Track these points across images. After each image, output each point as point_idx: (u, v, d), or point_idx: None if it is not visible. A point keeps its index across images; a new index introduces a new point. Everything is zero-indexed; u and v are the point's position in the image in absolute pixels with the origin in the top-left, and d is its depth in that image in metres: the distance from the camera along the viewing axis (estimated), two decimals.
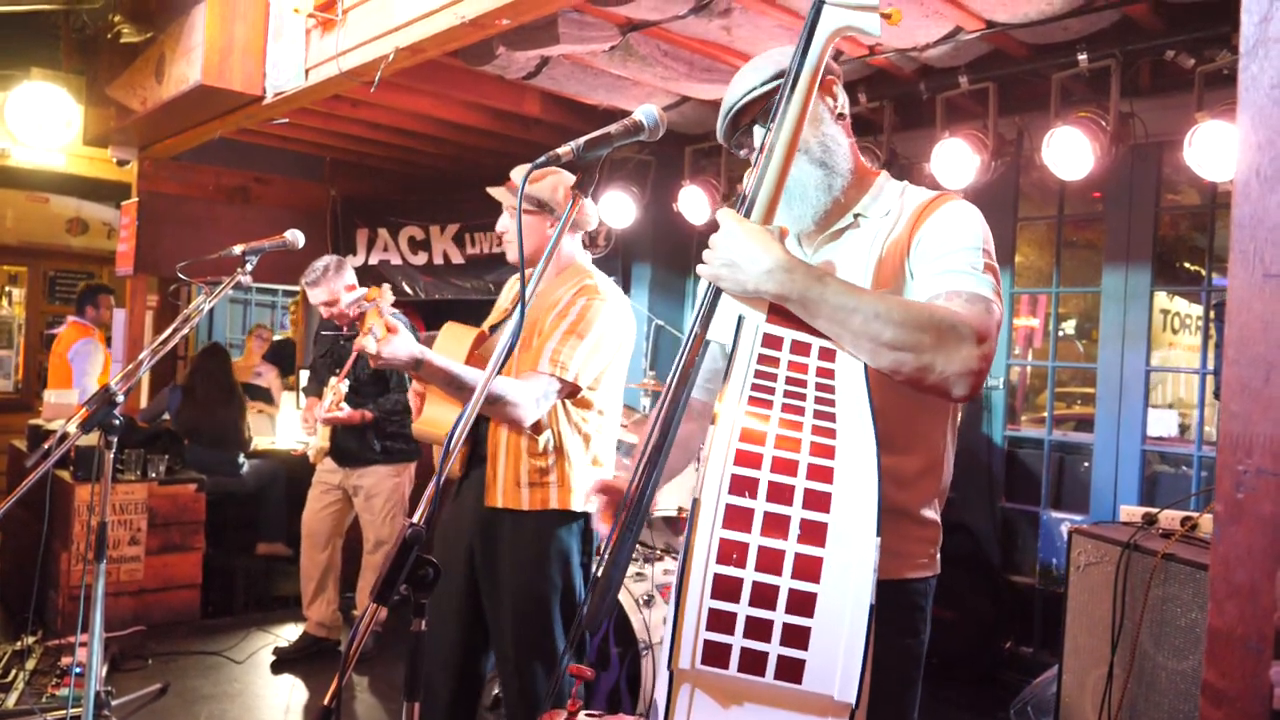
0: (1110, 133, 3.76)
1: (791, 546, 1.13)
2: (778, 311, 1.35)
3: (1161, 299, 5.43)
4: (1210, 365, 4.32)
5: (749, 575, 1.13)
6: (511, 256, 2.72)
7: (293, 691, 4.32)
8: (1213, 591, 0.82)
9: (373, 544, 4.68)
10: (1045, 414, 4.85)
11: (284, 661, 4.61)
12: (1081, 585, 3.20)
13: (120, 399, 2.53)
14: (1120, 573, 2.98)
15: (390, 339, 2.30)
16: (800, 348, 1.32)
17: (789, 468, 1.18)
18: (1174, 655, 2.80)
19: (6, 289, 9.68)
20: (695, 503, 1.17)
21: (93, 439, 2.57)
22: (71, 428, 2.53)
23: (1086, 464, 4.55)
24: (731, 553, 1.14)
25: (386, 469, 4.60)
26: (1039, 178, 4.51)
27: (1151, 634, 2.88)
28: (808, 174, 1.61)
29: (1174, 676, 2.79)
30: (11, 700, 3.82)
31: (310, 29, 4.24)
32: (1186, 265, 5.16)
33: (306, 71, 4.27)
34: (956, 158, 4.10)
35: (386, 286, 2.42)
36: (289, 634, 4.88)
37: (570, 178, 2.71)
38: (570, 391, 2.60)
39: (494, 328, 2.76)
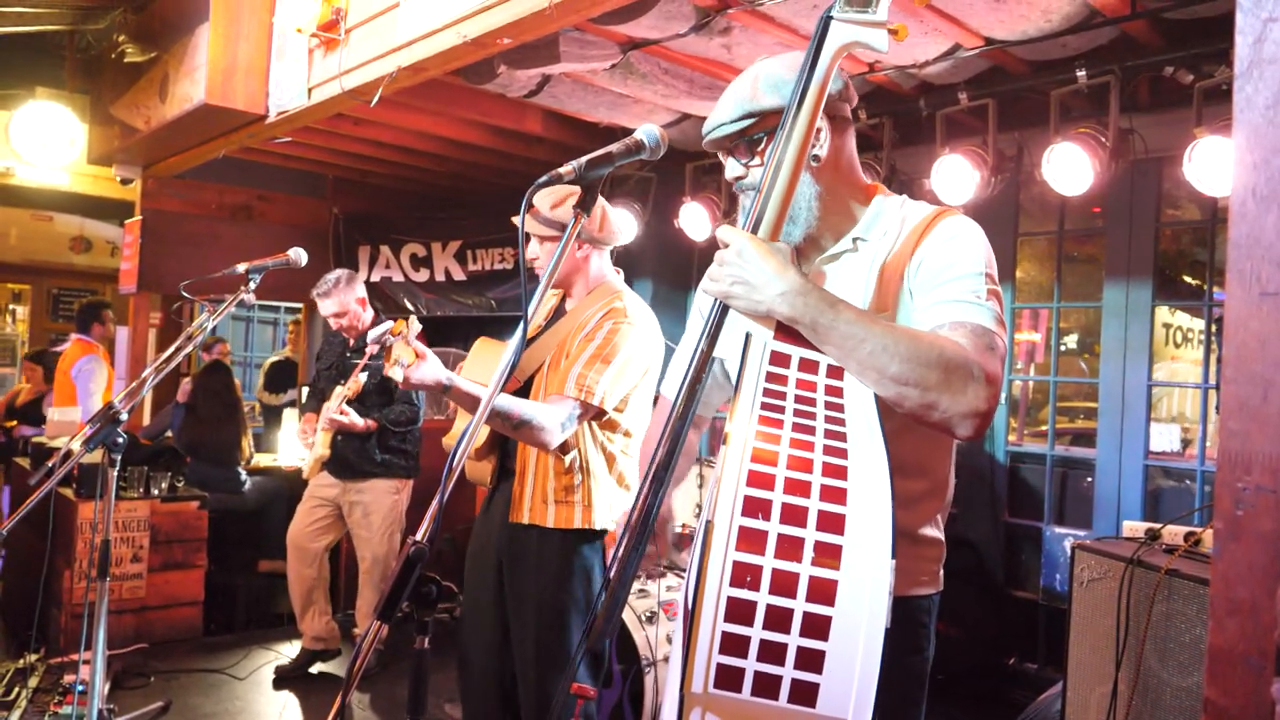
0: (1110, 148, 3.77)
1: (806, 569, 1.12)
2: (785, 329, 1.35)
3: (1164, 313, 5.44)
4: (1213, 380, 4.32)
5: (763, 598, 1.12)
6: (546, 282, 2.77)
7: (294, 709, 4.31)
8: (1213, 609, 0.82)
9: (369, 562, 4.63)
10: (1047, 429, 4.85)
11: (285, 678, 4.60)
12: (1085, 601, 3.19)
13: (124, 417, 2.54)
14: (1124, 588, 2.98)
15: (419, 364, 2.36)
16: (808, 365, 1.32)
17: (802, 489, 1.17)
18: (1178, 671, 2.79)
19: (10, 307, 9.71)
20: (708, 524, 1.16)
21: (96, 456, 2.58)
22: (75, 445, 2.54)
23: (1089, 479, 4.54)
24: (745, 575, 1.13)
25: (386, 484, 4.58)
26: (1039, 193, 4.52)
27: (1156, 650, 2.87)
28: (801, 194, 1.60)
29: (1179, 693, 2.78)
30: (14, 718, 3.81)
31: (313, 48, 4.27)
32: (1188, 280, 5.17)
33: (309, 90, 4.30)
34: (956, 174, 4.12)
35: (413, 318, 2.47)
36: (291, 651, 4.87)
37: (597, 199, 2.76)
38: (596, 414, 2.64)
39: (529, 342, 2.78)
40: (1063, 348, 6.06)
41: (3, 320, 10.00)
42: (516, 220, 2.74)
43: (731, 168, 1.66)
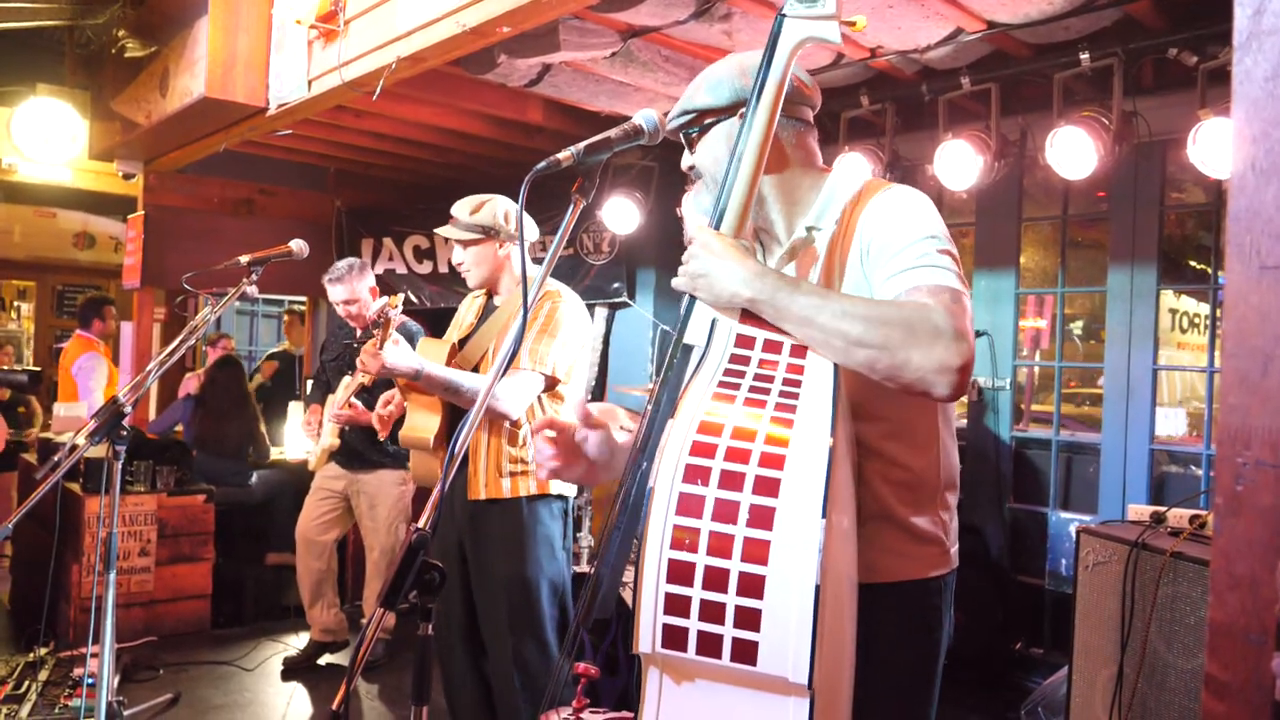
0: (1114, 132, 3.75)
1: (740, 531, 1.17)
2: (750, 314, 1.39)
3: (1170, 298, 5.42)
4: (1218, 364, 4.31)
5: (701, 559, 1.17)
6: (471, 283, 3.03)
7: (303, 700, 4.33)
8: (1213, 584, 0.82)
9: (377, 553, 4.63)
10: (1053, 413, 4.84)
11: (293, 670, 4.62)
12: (1090, 585, 3.19)
13: (128, 410, 2.54)
14: (1129, 572, 2.97)
15: (393, 350, 2.56)
16: (772, 346, 1.36)
17: (742, 456, 1.21)
18: (1184, 654, 2.79)
19: (15, 303, 9.73)
20: (650, 491, 1.22)
21: (101, 451, 2.60)
22: (80, 440, 2.54)
23: (1094, 464, 4.53)
24: (684, 538, 1.18)
25: (393, 475, 4.59)
26: (1043, 178, 4.50)
27: (1161, 633, 2.87)
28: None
29: (1184, 675, 2.78)
30: (25, 711, 3.83)
31: (312, 40, 4.26)
32: (1193, 264, 5.14)
33: (309, 82, 4.29)
34: (960, 159, 4.10)
35: (400, 296, 2.71)
36: (299, 643, 4.90)
37: (507, 202, 3.02)
38: (549, 385, 2.83)
39: (463, 341, 2.97)
40: (1069, 333, 6.04)
41: (7, 317, 10.03)
42: (439, 231, 3.01)
43: (685, 158, 1.73)
